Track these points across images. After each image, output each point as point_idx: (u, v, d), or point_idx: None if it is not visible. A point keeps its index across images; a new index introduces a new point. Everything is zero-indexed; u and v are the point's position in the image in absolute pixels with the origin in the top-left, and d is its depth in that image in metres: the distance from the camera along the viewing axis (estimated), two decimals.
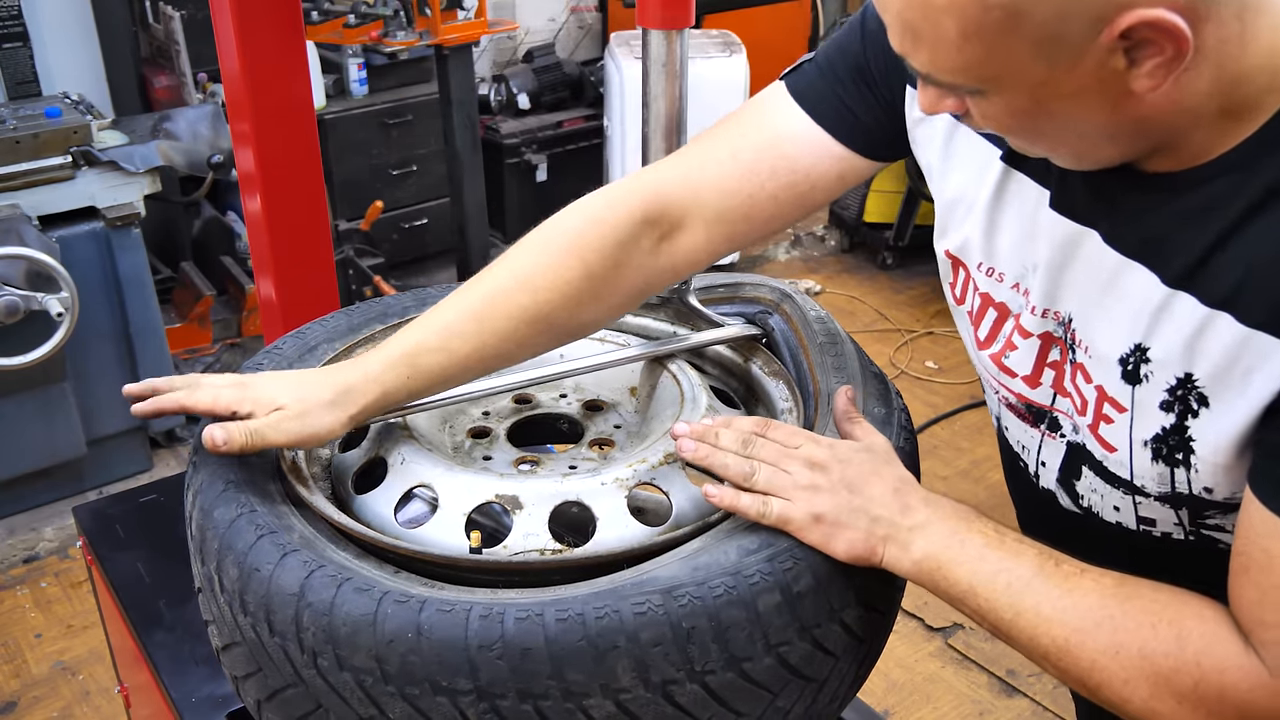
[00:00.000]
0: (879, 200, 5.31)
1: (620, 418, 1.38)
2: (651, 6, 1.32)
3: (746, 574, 0.97)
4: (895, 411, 1.24)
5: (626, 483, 1.13)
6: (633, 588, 0.95)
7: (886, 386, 1.29)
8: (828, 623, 1.01)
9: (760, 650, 0.97)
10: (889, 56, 0.98)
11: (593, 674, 0.91)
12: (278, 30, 1.92)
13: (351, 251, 4.62)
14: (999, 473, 1.43)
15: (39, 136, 3.30)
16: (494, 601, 0.94)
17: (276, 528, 1.04)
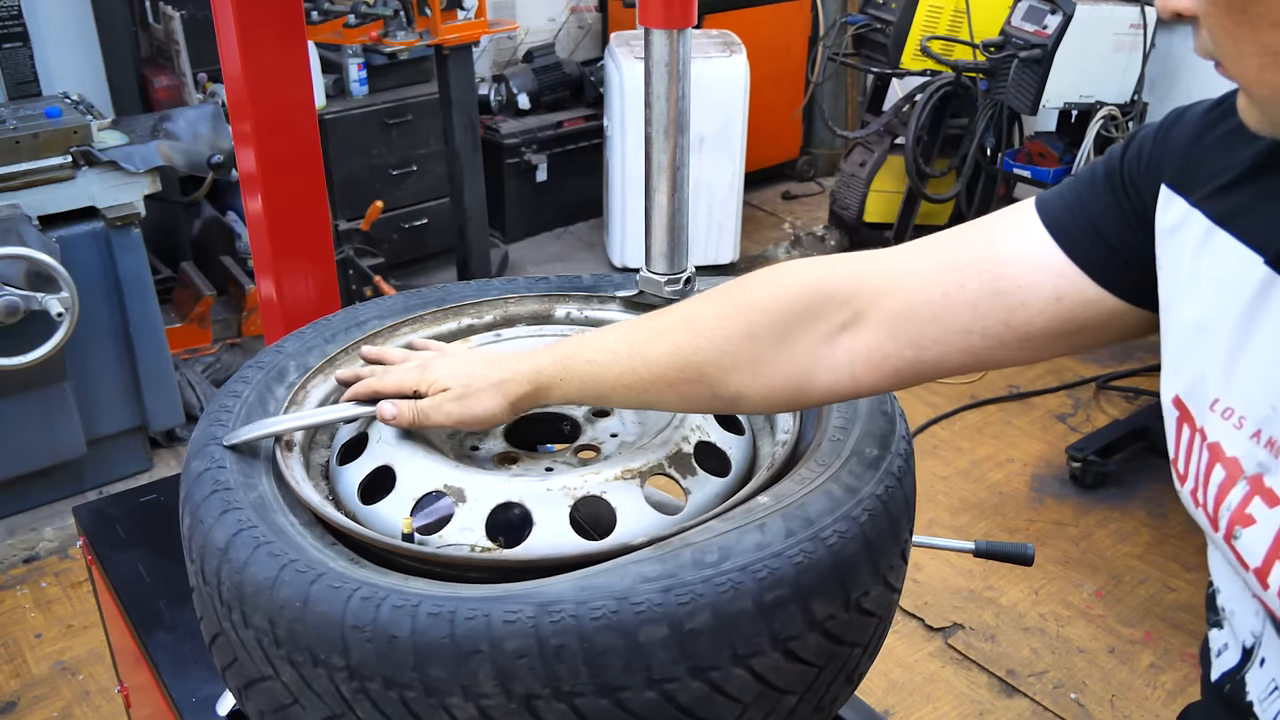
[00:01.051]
0: (879, 200, 5.31)
1: (622, 425, 1.37)
2: (653, 6, 1.32)
3: (634, 600, 0.94)
4: (890, 457, 1.15)
5: (572, 491, 1.13)
6: (515, 597, 0.94)
7: (892, 427, 1.21)
8: (729, 665, 0.96)
9: (640, 682, 0.94)
10: (1145, 157, 0.91)
11: (454, 674, 0.92)
12: (279, 30, 1.92)
13: (351, 251, 4.62)
14: (999, 472, 1.43)
15: (39, 136, 3.30)
16: (378, 585, 0.97)
17: (235, 485, 1.12)
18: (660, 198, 1.44)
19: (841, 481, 1.10)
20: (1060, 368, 4.54)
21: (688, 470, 1.19)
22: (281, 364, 1.37)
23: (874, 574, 1.08)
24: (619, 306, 1.53)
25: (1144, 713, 2.92)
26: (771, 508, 1.06)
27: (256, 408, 1.28)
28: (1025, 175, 4.77)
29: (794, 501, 1.07)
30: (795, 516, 1.04)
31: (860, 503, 1.08)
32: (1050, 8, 4.39)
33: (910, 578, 3.36)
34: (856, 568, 1.05)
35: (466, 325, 1.51)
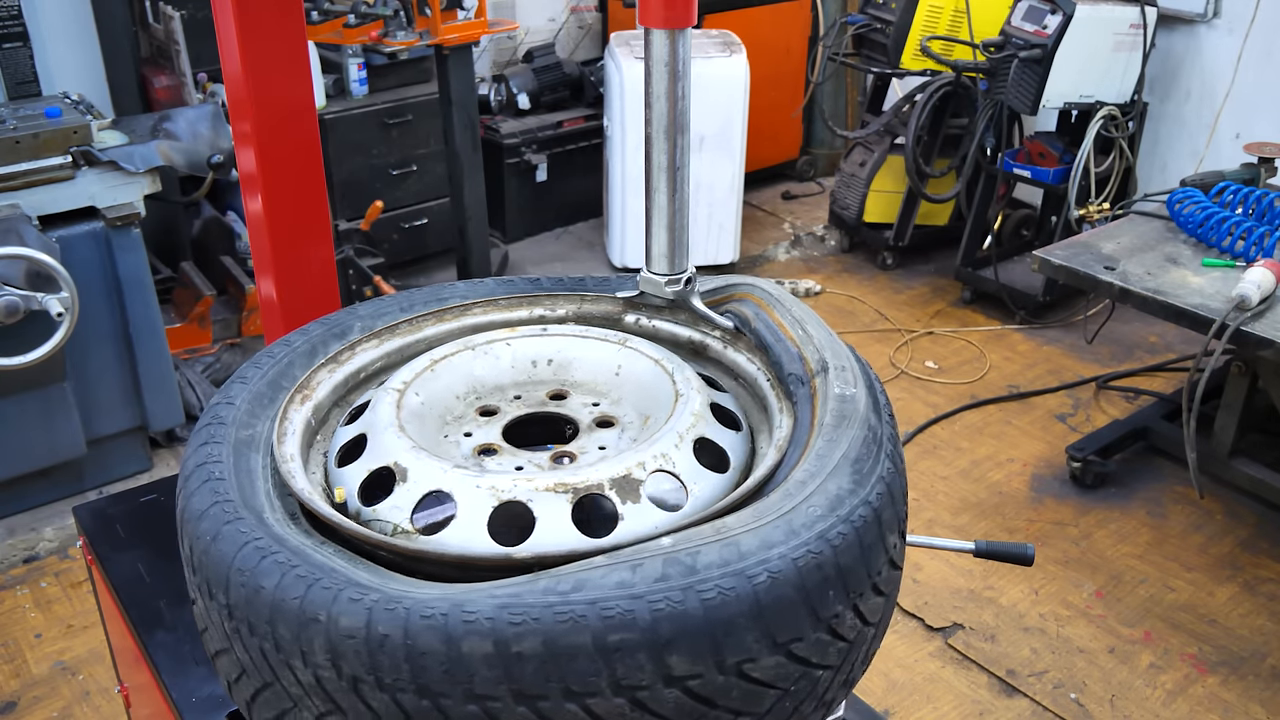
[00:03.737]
0: (879, 200, 5.31)
1: (618, 438, 1.35)
2: (653, 6, 1.32)
3: (467, 609, 0.95)
4: (861, 496, 1.11)
5: (499, 493, 1.14)
6: (371, 585, 1.00)
7: (875, 458, 1.17)
8: (560, 699, 0.96)
9: (460, 694, 0.96)
10: None
11: (295, 636, 1.00)
12: (279, 30, 1.92)
13: (351, 251, 4.62)
14: (999, 472, 1.45)
15: (39, 136, 3.30)
16: (279, 547, 1.06)
17: (224, 475, 1.20)
18: (660, 198, 1.44)
19: (771, 529, 1.04)
20: (1060, 368, 4.54)
21: (629, 495, 1.15)
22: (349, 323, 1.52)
23: (765, 639, 1.00)
24: (683, 320, 1.54)
25: (1144, 713, 2.92)
26: (666, 549, 1.02)
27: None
28: (1025, 175, 4.77)
29: (691, 546, 1.02)
30: (679, 562, 1.00)
31: (764, 563, 1.01)
32: (1050, 8, 4.39)
33: (910, 578, 3.36)
34: (739, 629, 0.98)
35: (538, 315, 1.56)
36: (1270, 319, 3.03)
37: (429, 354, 1.44)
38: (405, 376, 1.38)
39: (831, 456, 1.14)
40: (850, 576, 1.06)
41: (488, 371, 1.45)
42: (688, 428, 1.25)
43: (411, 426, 1.29)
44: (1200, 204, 3.46)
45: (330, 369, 1.44)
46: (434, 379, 1.40)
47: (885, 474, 1.15)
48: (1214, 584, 3.37)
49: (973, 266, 5.00)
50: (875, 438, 1.18)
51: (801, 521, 1.05)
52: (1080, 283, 3.40)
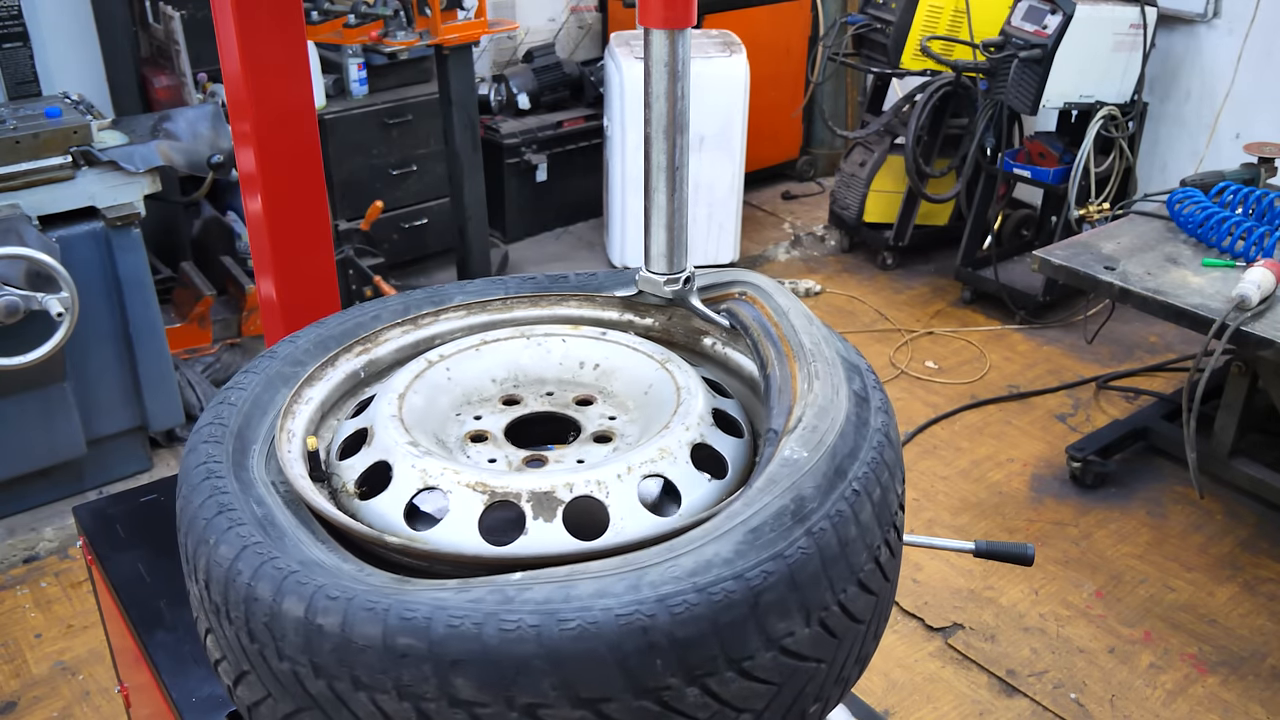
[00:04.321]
0: (879, 200, 5.31)
1: (602, 454, 1.34)
2: (653, 6, 1.32)
3: (411, 609, 0.97)
4: (796, 536, 1.06)
5: (426, 477, 1.19)
6: (322, 565, 1.05)
7: (785, 533, 1.06)
8: (438, 702, 0.97)
9: (390, 685, 0.97)
10: None
11: (227, 598, 1.07)
12: (278, 30, 1.92)
13: (351, 251, 4.62)
14: (999, 472, 1.43)
15: (39, 136, 3.30)
16: (254, 532, 1.11)
17: (222, 466, 1.24)
18: (660, 198, 1.44)
19: (615, 580, 0.99)
20: (1060, 368, 4.54)
21: (543, 511, 1.14)
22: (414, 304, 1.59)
23: (680, 668, 0.97)
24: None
25: (1144, 713, 2.92)
26: (606, 570, 1.00)
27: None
28: (1025, 175, 4.77)
29: (625, 570, 0.99)
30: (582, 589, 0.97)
31: (584, 611, 0.96)
32: (1050, 8, 4.39)
33: (910, 578, 3.36)
34: (647, 659, 0.95)
35: (627, 319, 1.57)
36: (1270, 319, 3.03)
37: (487, 334, 1.51)
38: (455, 347, 1.46)
39: (734, 519, 1.05)
40: (690, 650, 0.97)
41: (533, 363, 1.47)
42: (641, 461, 1.20)
43: (439, 396, 1.38)
44: (1200, 204, 3.46)
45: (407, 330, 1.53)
46: (478, 358, 1.46)
47: (790, 551, 1.03)
48: (1214, 584, 3.37)
49: (973, 266, 5.00)
50: (800, 512, 1.06)
51: (651, 579, 0.98)
52: (1080, 283, 3.40)
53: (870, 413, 1.23)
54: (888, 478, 1.16)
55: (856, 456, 1.14)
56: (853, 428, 1.18)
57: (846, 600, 1.08)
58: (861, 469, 1.13)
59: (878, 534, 1.12)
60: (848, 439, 1.16)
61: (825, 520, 1.06)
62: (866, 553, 1.10)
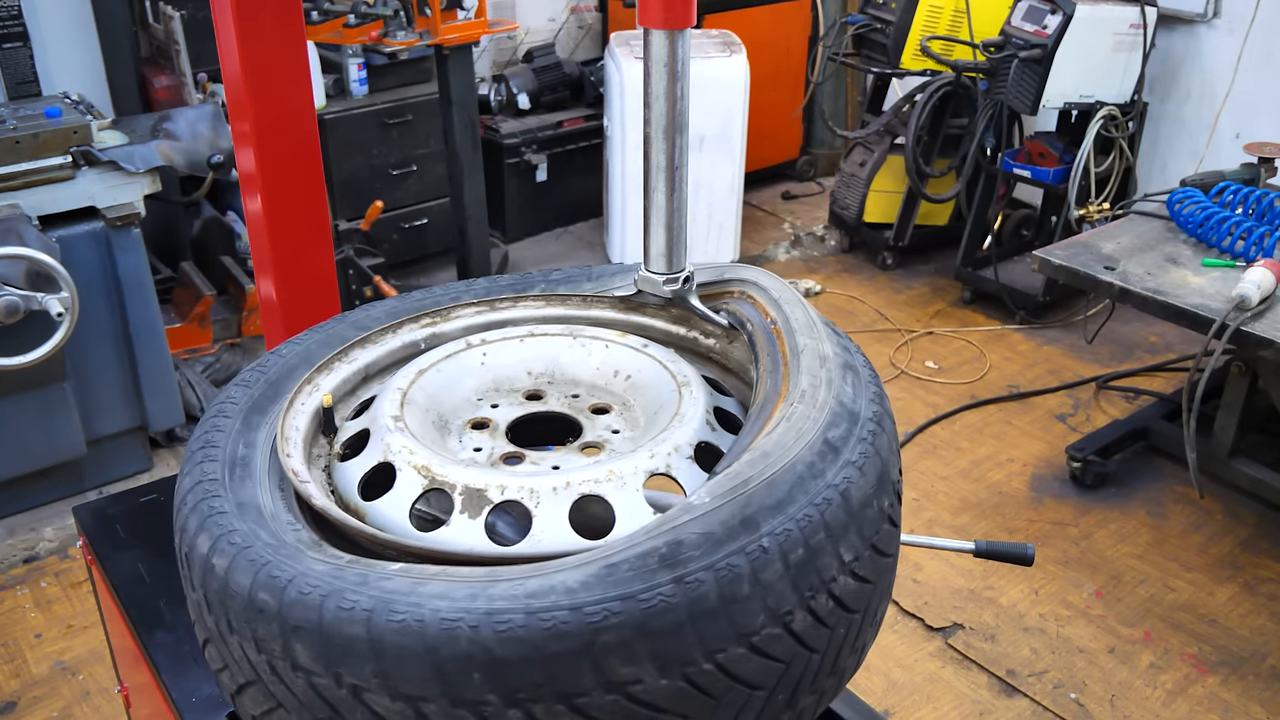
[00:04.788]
0: (879, 200, 5.31)
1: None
2: (653, 6, 1.32)
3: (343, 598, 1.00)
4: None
5: (408, 457, 1.23)
6: (284, 546, 1.08)
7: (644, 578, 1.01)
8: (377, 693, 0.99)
9: (324, 673, 1.00)
10: None
11: (195, 572, 1.13)
12: (278, 30, 1.92)
13: (351, 251, 4.62)
14: (999, 472, 1.42)
15: (39, 136, 3.30)
16: (228, 512, 1.15)
17: (237, 408, 1.31)
18: (659, 197, 1.44)
19: (512, 585, 0.98)
20: (1060, 368, 4.54)
21: (471, 507, 1.16)
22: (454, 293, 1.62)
23: (595, 677, 0.96)
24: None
25: (1144, 713, 2.92)
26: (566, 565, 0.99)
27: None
28: (1025, 175, 4.77)
29: (478, 580, 0.99)
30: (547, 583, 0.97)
31: (487, 614, 0.96)
32: (1050, 8, 4.39)
33: (910, 578, 3.36)
34: (464, 669, 0.95)
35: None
36: (1270, 319, 3.03)
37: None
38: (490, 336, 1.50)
39: (602, 553, 1.01)
40: (511, 671, 0.97)
41: (572, 363, 1.48)
42: (584, 480, 1.18)
43: (466, 379, 1.42)
44: (1200, 204, 3.46)
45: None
46: (519, 349, 1.48)
47: (647, 595, 0.97)
48: (1214, 584, 3.37)
49: (973, 266, 5.00)
50: (671, 558, 0.99)
51: (493, 593, 0.97)
52: (1080, 283, 3.40)
53: (835, 465, 1.11)
54: (824, 539, 1.06)
55: (782, 511, 1.04)
56: (794, 479, 1.07)
57: (728, 660, 1.00)
58: (785, 525, 1.04)
59: (791, 598, 1.03)
60: (777, 490, 1.06)
61: (706, 572, 0.99)
62: (766, 616, 1.01)
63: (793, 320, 1.35)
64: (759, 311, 1.43)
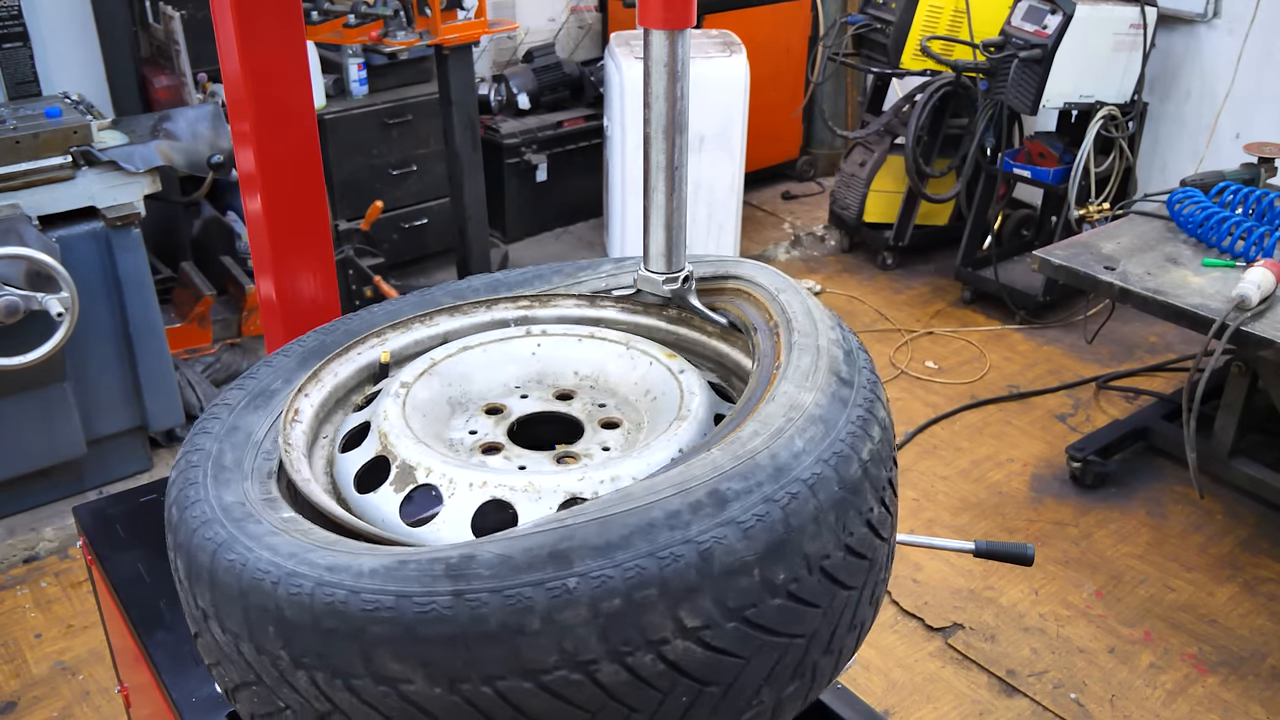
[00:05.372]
0: (879, 200, 5.31)
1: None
2: (653, 6, 1.32)
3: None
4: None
5: (386, 443, 1.27)
6: (252, 516, 1.12)
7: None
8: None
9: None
10: None
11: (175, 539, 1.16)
12: (278, 30, 1.92)
13: (351, 251, 4.62)
14: (999, 472, 1.41)
15: (39, 136, 3.30)
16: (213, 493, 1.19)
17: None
18: (659, 197, 1.44)
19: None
20: (1060, 368, 4.54)
21: (403, 481, 1.23)
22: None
23: (364, 664, 0.98)
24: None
25: (1144, 713, 2.92)
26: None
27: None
28: (1025, 175, 4.77)
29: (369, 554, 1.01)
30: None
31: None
32: (1050, 8, 4.39)
33: (910, 578, 3.36)
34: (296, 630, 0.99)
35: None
36: (1270, 319, 3.03)
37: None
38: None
39: (419, 553, 1.01)
40: (298, 633, 1.00)
41: (618, 371, 1.47)
42: (555, 486, 1.17)
43: (493, 372, 1.45)
44: (1200, 204, 3.46)
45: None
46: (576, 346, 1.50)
47: (423, 601, 0.96)
48: (1214, 584, 3.37)
49: (973, 266, 5.00)
50: (457, 571, 0.97)
51: (362, 566, 1.00)
52: (1080, 283, 3.40)
53: (708, 521, 1.00)
54: (655, 595, 0.96)
55: (607, 556, 0.97)
56: (639, 525, 0.99)
57: (508, 690, 0.97)
58: (604, 570, 0.96)
59: (597, 647, 0.96)
60: (608, 532, 0.98)
61: (492, 595, 0.95)
62: (561, 657, 0.96)
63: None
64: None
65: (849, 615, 1.12)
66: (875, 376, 1.27)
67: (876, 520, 1.13)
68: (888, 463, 1.18)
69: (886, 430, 1.20)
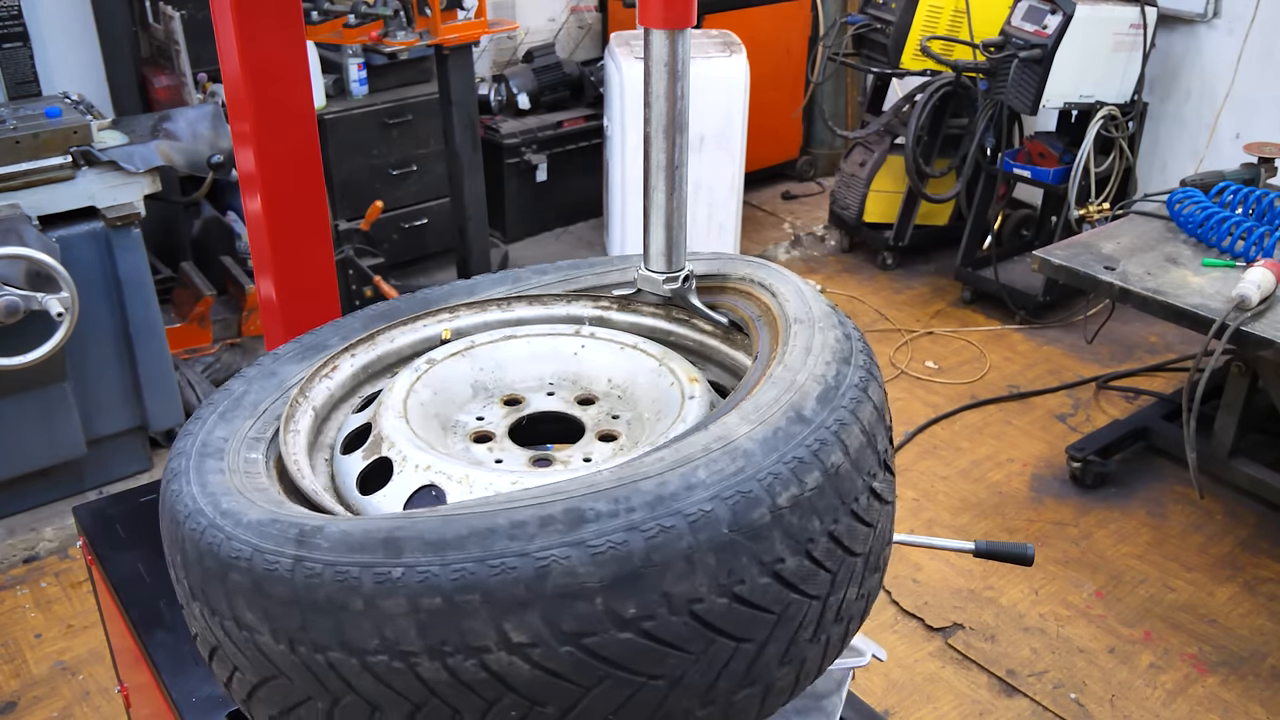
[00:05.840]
0: (879, 200, 5.31)
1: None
2: (653, 6, 1.32)
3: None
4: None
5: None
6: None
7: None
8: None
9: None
10: None
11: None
12: (278, 30, 1.92)
13: (351, 251, 4.62)
14: (999, 472, 1.40)
15: (39, 136, 3.30)
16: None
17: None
18: (658, 196, 1.44)
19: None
20: (1060, 368, 4.54)
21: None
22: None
23: (228, 605, 1.03)
24: None
25: (1144, 713, 2.92)
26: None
27: None
28: (1025, 175, 4.77)
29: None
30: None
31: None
32: (1050, 8, 4.38)
33: (910, 578, 3.36)
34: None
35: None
36: (1270, 319, 3.03)
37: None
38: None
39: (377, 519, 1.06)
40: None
41: (647, 382, 1.47)
42: (440, 469, 1.22)
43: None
44: (1200, 204, 3.46)
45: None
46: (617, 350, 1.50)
47: (282, 562, 1.00)
48: (1214, 584, 3.37)
49: (973, 266, 5.00)
50: (303, 537, 1.01)
51: (312, 528, 1.04)
52: (1080, 283, 3.40)
53: (561, 538, 0.96)
54: (477, 603, 0.96)
55: (437, 553, 0.96)
56: (481, 529, 0.97)
57: (337, 662, 1.00)
58: (430, 565, 0.96)
59: (416, 641, 0.97)
60: (447, 530, 0.98)
61: (326, 568, 0.98)
62: (381, 643, 0.98)
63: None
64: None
65: (739, 667, 1.03)
66: (852, 418, 1.12)
67: (791, 573, 1.03)
68: (830, 514, 1.06)
69: (838, 479, 1.07)
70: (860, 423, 1.13)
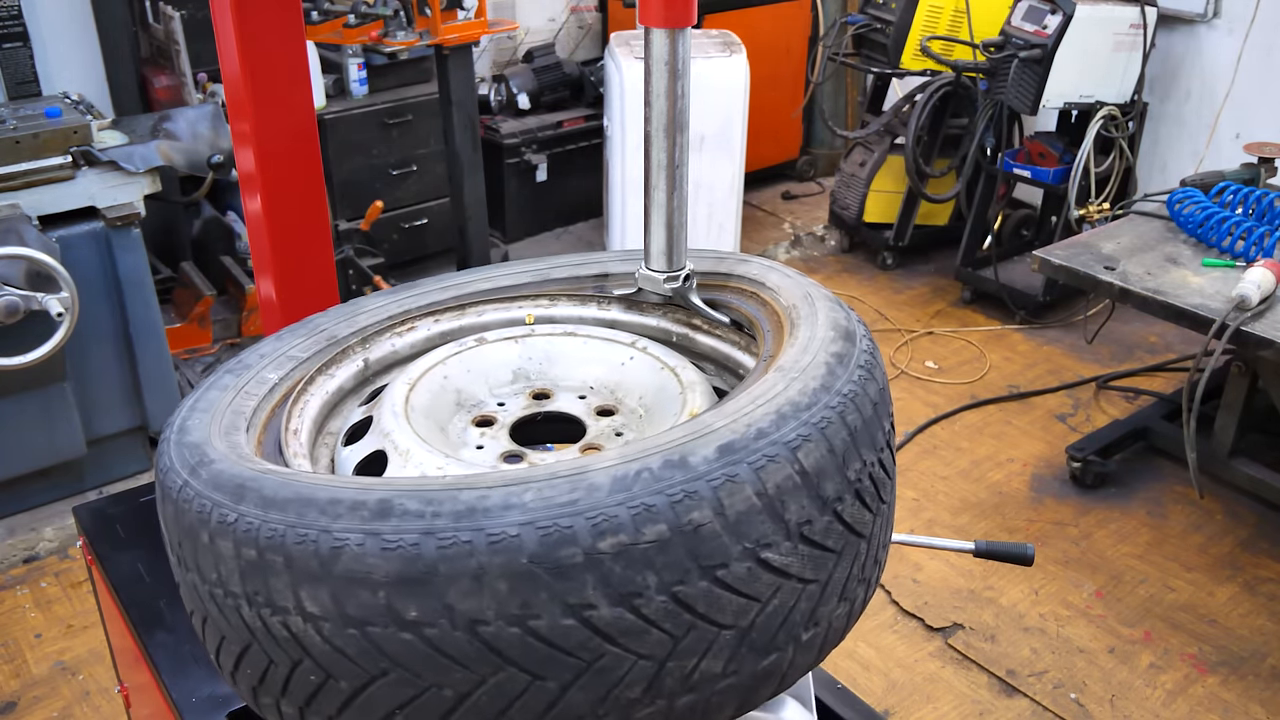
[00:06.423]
0: (879, 200, 5.31)
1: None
2: (653, 6, 1.32)
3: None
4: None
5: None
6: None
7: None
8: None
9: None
10: None
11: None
12: (278, 30, 1.92)
13: (351, 251, 4.62)
14: (999, 472, 1.40)
15: (39, 136, 3.30)
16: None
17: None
18: (659, 195, 1.44)
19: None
20: (1060, 368, 4.54)
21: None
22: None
23: (213, 557, 1.06)
24: None
25: (1144, 713, 2.92)
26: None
27: None
28: (1025, 175, 4.77)
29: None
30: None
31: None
32: (1050, 8, 4.39)
33: (910, 578, 3.36)
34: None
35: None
36: (1270, 319, 3.03)
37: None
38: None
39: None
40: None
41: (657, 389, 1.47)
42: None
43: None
44: (1200, 204, 3.46)
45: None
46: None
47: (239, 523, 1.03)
48: (1214, 584, 3.37)
49: (973, 266, 5.00)
50: (240, 494, 1.04)
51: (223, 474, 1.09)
52: (1080, 283, 3.40)
53: (346, 515, 0.98)
54: (281, 565, 0.99)
55: (272, 509, 1.01)
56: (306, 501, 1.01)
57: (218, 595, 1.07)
58: (280, 522, 1.00)
59: (287, 598, 0.99)
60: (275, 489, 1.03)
61: (194, 495, 1.09)
62: (216, 576, 1.05)
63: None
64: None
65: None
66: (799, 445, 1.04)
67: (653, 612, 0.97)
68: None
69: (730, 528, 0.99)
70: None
